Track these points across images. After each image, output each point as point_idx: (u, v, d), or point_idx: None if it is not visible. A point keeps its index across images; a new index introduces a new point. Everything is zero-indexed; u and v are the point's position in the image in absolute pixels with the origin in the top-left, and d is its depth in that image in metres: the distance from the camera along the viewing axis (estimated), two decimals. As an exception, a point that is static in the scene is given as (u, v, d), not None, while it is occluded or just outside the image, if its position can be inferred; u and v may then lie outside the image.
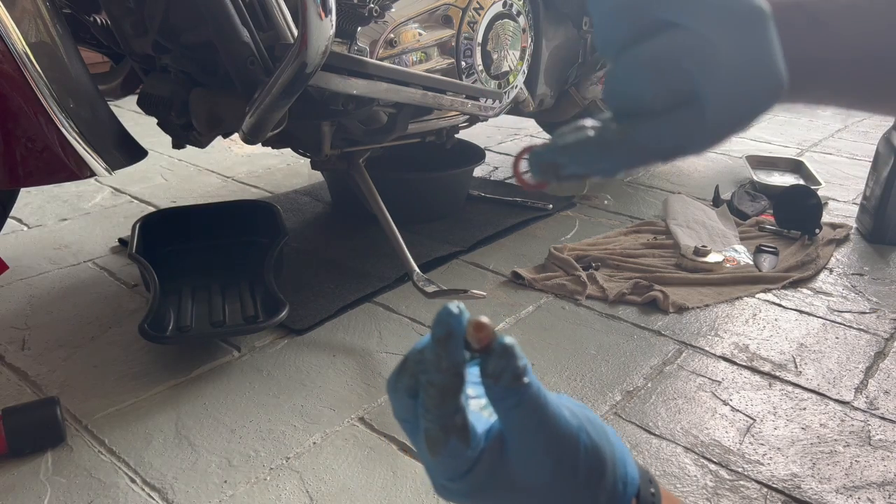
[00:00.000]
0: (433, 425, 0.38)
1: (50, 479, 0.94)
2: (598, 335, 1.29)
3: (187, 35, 1.19)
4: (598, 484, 0.40)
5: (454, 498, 0.40)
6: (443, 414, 0.38)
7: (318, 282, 1.45)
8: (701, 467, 0.97)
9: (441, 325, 0.37)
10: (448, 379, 0.37)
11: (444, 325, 0.37)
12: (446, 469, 0.39)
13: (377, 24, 1.28)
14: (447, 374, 0.37)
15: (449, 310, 0.37)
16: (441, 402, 0.37)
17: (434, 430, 0.38)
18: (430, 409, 0.38)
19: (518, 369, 0.37)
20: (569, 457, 0.39)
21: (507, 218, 1.77)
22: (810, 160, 2.17)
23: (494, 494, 0.39)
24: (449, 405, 0.38)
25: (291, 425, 1.05)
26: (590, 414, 0.42)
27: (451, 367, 0.37)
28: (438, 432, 0.38)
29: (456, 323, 0.37)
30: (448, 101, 1.38)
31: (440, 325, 0.37)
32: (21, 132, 0.98)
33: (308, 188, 2.00)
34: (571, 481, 0.39)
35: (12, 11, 0.96)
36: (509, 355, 0.37)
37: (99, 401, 1.09)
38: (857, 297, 1.44)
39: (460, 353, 0.37)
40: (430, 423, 0.38)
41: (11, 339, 1.26)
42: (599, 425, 0.41)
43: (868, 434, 1.04)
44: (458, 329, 0.37)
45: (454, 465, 0.38)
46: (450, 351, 0.37)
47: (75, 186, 1.99)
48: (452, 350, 0.37)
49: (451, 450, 0.38)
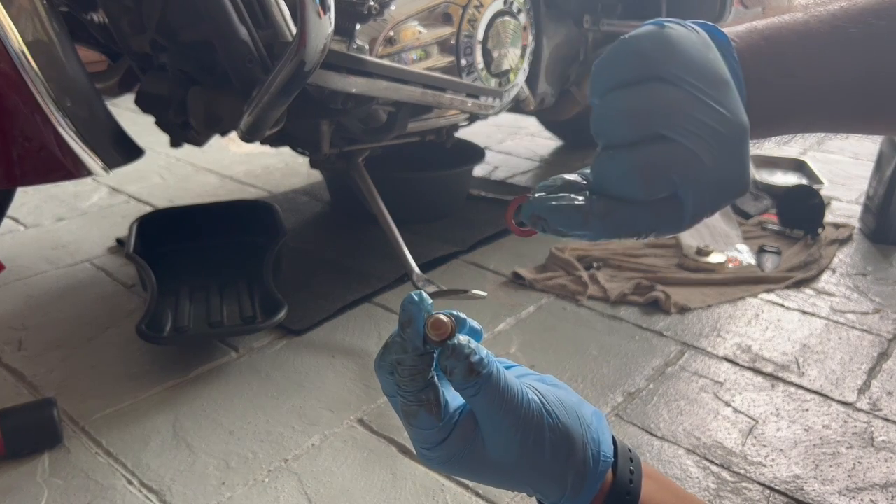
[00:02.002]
0: (406, 399, 0.43)
1: (47, 480, 0.93)
2: (599, 336, 1.29)
3: (185, 33, 1.19)
4: (567, 461, 0.44)
5: (433, 464, 0.45)
6: (414, 390, 0.43)
7: (316, 282, 1.44)
8: (703, 469, 0.97)
9: (404, 312, 0.42)
10: (413, 359, 0.43)
11: (406, 311, 0.42)
12: (422, 438, 0.44)
13: (376, 21, 1.27)
14: (411, 356, 0.42)
15: (411, 297, 0.42)
16: (411, 380, 0.43)
17: (406, 404, 0.43)
18: (401, 385, 0.43)
19: (470, 366, 0.41)
20: (534, 435, 0.43)
21: (508, 217, 1.76)
22: (813, 160, 2.16)
23: (468, 465, 0.44)
24: (418, 382, 0.43)
25: (290, 427, 1.04)
26: (564, 395, 0.46)
27: (414, 350, 0.42)
28: (410, 405, 0.43)
29: (416, 310, 0.42)
30: (448, 100, 1.37)
31: (403, 311, 0.42)
32: (18, 131, 0.97)
33: (307, 187, 1.99)
34: (539, 458, 0.43)
35: (9, 9, 0.95)
36: (458, 355, 0.41)
37: (96, 402, 1.08)
38: (860, 297, 1.44)
39: (419, 337, 0.42)
40: (404, 398, 0.43)
41: (8, 339, 1.25)
42: (571, 405, 0.45)
43: (871, 435, 1.03)
44: (417, 316, 0.42)
45: (428, 435, 0.44)
46: (411, 336, 0.42)
47: (72, 186, 1.98)
48: (413, 335, 0.42)
49: (423, 421, 0.43)
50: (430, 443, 0.44)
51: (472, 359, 0.41)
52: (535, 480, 0.45)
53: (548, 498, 0.46)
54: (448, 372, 0.42)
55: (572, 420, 0.45)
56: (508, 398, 0.43)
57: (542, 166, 2.24)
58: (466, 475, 0.46)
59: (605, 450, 0.46)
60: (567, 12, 1.74)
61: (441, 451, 0.44)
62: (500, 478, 0.45)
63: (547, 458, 0.44)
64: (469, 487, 0.93)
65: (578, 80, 1.83)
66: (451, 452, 0.44)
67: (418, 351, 0.42)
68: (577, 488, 0.45)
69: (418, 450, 0.45)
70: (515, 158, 2.31)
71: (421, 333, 0.42)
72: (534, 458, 0.43)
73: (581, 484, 0.45)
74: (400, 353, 0.43)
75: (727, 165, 0.37)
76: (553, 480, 0.44)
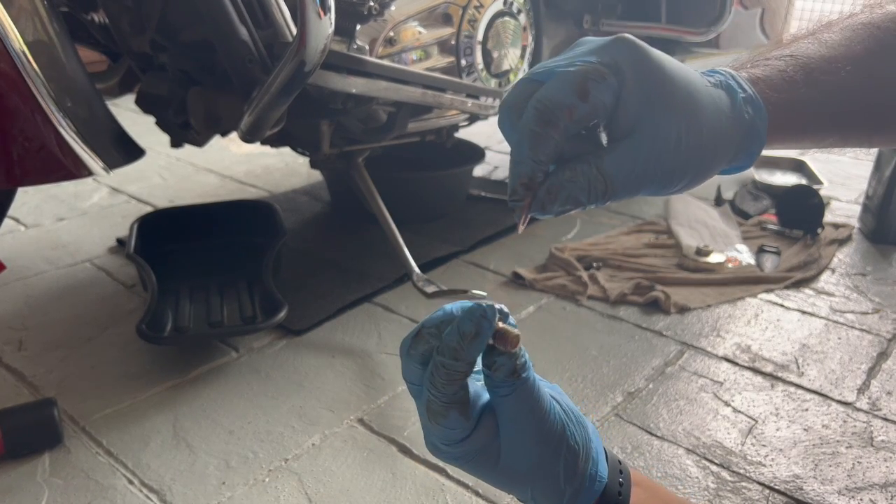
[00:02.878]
0: (436, 400, 0.42)
1: (47, 480, 0.93)
2: (599, 336, 1.29)
3: (185, 33, 1.19)
4: (573, 477, 0.45)
5: (443, 458, 0.45)
6: (448, 392, 0.42)
7: (316, 282, 1.44)
8: (703, 469, 0.97)
9: (471, 324, 0.40)
10: (461, 366, 0.41)
11: (476, 324, 0.40)
12: (442, 435, 0.43)
13: (377, 22, 1.27)
14: (461, 363, 0.41)
15: (484, 311, 0.40)
16: (448, 383, 0.41)
17: (437, 404, 0.42)
18: (436, 385, 0.41)
19: (517, 366, 0.42)
20: (552, 450, 0.43)
21: (508, 218, 1.76)
22: (812, 159, 2.16)
23: (480, 465, 0.44)
24: (455, 385, 0.41)
25: (290, 426, 1.04)
26: (575, 409, 0.46)
27: (466, 359, 0.41)
28: (440, 406, 0.42)
29: (487, 326, 0.40)
30: (448, 100, 1.38)
31: (471, 322, 0.40)
32: (18, 131, 0.97)
33: (307, 187, 1.99)
34: (550, 472, 0.44)
35: (10, 10, 0.95)
36: (514, 354, 0.41)
37: (96, 402, 1.08)
38: (859, 297, 1.44)
39: (480, 351, 0.41)
40: (434, 398, 0.42)
41: (8, 339, 1.25)
42: (582, 422, 0.46)
43: (870, 435, 1.03)
44: (486, 332, 0.40)
45: (451, 433, 0.43)
46: (472, 348, 0.40)
47: (73, 186, 1.98)
48: (475, 348, 0.41)
49: (451, 422, 0.42)
50: (450, 440, 0.43)
51: (518, 361, 0.42)
52: (538, 490, 0.45)
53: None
54: (494, 368, 0.42)
55: (584, 437, 0.45)
56: (538, 407, 0.43)
57: (541, 166, 2.24)
58: (473, 472, 0.46)
59: (602, 470, 0.47)
60: (567, 13, 1.74)
61: (459, 449, 0.43)
62: (505, 481, 0.45)
63: (558, 473, 0.44)
64: (469, 487, 0.93)
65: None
66: (468, 451, 0.43)
67: (474, 361, 0.41)
68: (572, 502, 0.45)
69: (433, 444, 0.45)
70: (515, 158, 2.31)
71: (482, 348, 0.41)
72: (546, 470, 0.44)
73: (575, 499, 0.45)
74: (449, 359, 0.41)
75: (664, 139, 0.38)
76: (554, 493, 0.45)
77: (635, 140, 0.38)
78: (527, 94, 0.38)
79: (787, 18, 2.04)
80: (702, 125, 0.39)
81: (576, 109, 0.37)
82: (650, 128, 0.38)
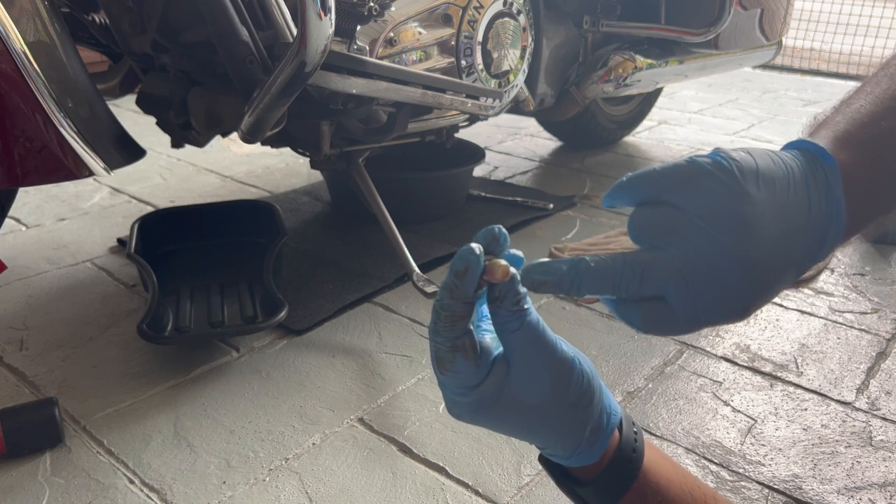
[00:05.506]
0: (442, 346, 0.45)
1: (48, 479, 0.94)
2: (598, 335, 1.29)
3: (186, 34, 1.19)
4: (587, 408, 0.47)
5: (462, 412, 0.47)
6: (452, 336, 0.44)
7: (317, 282, 1.44)
8: (702, 468, 0.97)
9: (462, 261, 0.44)
10: (459, 306, 0.44)
11: (465, 261, 0.43)
12: (457, 382, 0.45)
13: (377, 22, 1.27)
14: (458, 302, 0.44)
15: (471, 248, 0.43)
16: (451, 325, 0.44)
17: (443, 351, 0.45)
18: (439, 331, 0.45)
19: (519, 294, 0.44)
20: (563, 377, 0.46)
21: (508, 218, 1.76)
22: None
23: (496, 411, 0.46)
24: (458, 328, 0.44)
25: (290, 426, 1.04)
26: (583, 356, 0.49)
27: (463, 297, 0.44)
28: (447, 352, 0.45)
29: (475, 261, 0.43)
30: (448, 101, 1.38)
31: (461, 260, 0.44)
32: (19, 131, 0.98)
33: (307, 188, 2.00)
34: (564, 400, 0.46)
35: (11, 10, 0.96)
36: (513, 281, 0.44)
37: (97, 401, 1.09)
38: (858, 297, 1.44)
39: (473, 285, 0.44)
40: (440, 344, 0.45)
41: (9, 339, 1.25)
42: (592, 365, 0.48)
43: (869, 435, 1.04)
44: (475, 266, 0.43)
45: (462, 380, 0.45)
46: (465, 283, 0.43)
47: (74, 186, 1.98)
48: (467, 283, 0.43)
49: (458, 366, 0.45)
50: (465, 386, 0.45)
51: (516, 288, 0.45)
52: (555, 428, 0.47)
53: (563, 450, 0.48)
54: (497, 303, 0.44)
55: (594, 373, 0.48)
56: (545, 338, 0.46)
57: (541, 166, 2.25)
58: (491, 423, 0.47)
59: (616, 407, 0.49)
60: (566, 13, 1.74)
61: (474, 396, 0.45)
62: (523, 424, 0.47)
63: (572, 402, 0.46)
64: (469, 486, 0.93)
65: (578, 81, 1.83)
66: (483, 397, 0.45)
67: (467, 298, 0.44)
68: (591, 441, 0.47)
69: (449, 398, 0.47)
70: (515, 159, 2.31)
71: (475, 283, 0.44)
72: (559, 402, 0.46)
73: (595, 437, 0.47)
74: (446, 299, 0.44)
75: (720, 290, 0.41)
76: (572, 430, 0.47)
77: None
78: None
79: (786, 19, 2.05)
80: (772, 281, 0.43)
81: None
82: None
